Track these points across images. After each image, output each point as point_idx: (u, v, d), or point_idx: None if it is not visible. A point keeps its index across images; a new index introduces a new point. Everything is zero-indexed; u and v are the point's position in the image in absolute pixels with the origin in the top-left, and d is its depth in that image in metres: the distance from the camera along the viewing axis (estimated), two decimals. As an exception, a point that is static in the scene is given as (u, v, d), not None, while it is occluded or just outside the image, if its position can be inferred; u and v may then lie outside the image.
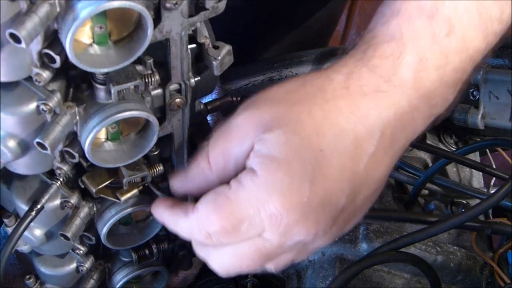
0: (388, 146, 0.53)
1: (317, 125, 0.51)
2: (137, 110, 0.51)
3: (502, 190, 0.64)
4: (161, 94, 0.55)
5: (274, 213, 0.50)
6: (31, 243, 0.62)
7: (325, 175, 0.50)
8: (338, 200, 0.51)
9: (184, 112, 0.58)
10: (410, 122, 0.53)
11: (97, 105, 0.51)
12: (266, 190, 0.50)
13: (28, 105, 0.49)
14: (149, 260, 0.70)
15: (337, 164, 0.50)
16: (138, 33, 0.47)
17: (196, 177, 0.55)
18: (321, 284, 0.70)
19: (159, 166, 0.61)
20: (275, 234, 0.51)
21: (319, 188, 0.50)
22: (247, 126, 0.52)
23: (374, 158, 0.52)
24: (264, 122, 0.52)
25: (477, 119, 0.82)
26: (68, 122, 0.49)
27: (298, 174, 0.50)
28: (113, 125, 0.53)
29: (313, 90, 0.53)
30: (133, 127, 0.56)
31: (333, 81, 0.53)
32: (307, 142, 0.50)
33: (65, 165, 0.55)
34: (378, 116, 0.52)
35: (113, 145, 0.55)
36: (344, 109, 0.51)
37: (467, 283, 0.73)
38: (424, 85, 0.53)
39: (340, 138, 0.51)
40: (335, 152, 0.50)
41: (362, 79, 0.52)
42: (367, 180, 0.53)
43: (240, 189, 0.51)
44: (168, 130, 0.59)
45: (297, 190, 0.50)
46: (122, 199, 0.59)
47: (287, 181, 0.49)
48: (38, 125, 0.50)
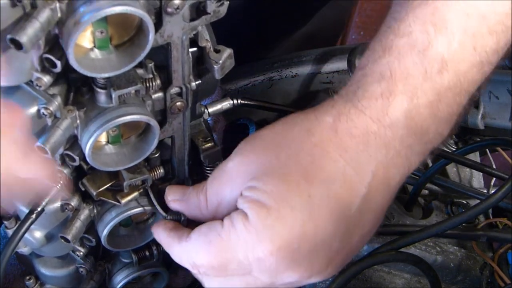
0: (381, 186, 0.52)
1: (305, 171, 0.50)
2: (138, 114, 0.51)
3: (502, 190, 0.64)
4: (162, 98, 0.55)
5: (262, 258, 0.50)
6: (31, 245, 0.62)
7: (316, 221, 0.50)
8: (331, 244, 0.51)
9: (185, 115, 0.58)
10: (404, 160, 0.52)
11: (98, 109, 0.51)
12: (256, 236, 0.50)
13: (29, 109, 0.49)
14: (149, 261, 0.70)
15: (327, 209, 0.50)
16: (139, 38, 0.47)
17: (192, 205, 0.57)
18: (321, 284, 0.70)
19: (160, 169, 0.61)
20: (264, 276, 0.52)
21: (309, 234, 0.50)
22: (236, 173, 0.53)
23: (367, 199, 0.51)
24: (251, 170, 0.52)
25: (477, 119, 0.83)
26: (69, 126, 0.50)
27: (289, 221, 0.49)
28: (113, 128, 0.53)
29: (301, 133, 0.52)
30: (134, 130, 0.56)
31: (320, 123, 0.52)
32: (295, 189, 0.50)
33: (66, 168, 0.55)
34: (368, 158, 0.51)
35: (113, 148, 0.55)
36: (332, 152, 0.51)
37: (467, 283, 0.73)
38: (416, 124, 0.51)
39: (329, 183, 0.50)
40: (325, 197, 0.50)
41: (350, 120, 0.51)
42: (360, 221, 0.52)
43: (232, 231, 0.51)
44: (169, 133, 0.59)
45: (287, 237, 0.49)
46: (123, 202, 0.60)
47: (277, 228, 0.49)
48: (39, 129, 0.50)
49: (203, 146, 0.63)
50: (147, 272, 0.71)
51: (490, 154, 0.90)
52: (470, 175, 0.89)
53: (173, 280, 0.83)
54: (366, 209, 0.52)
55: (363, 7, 2.14)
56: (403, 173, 0.54)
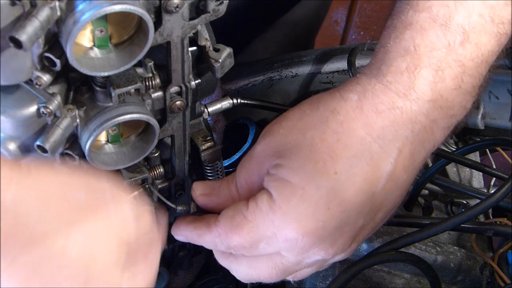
0: (407, 163, 0.52)
1: (331, 149, 0.51)
2: (138, 113, 0.51)
3: (502, 190, 0.64)
4: (162, 97, 0.55)
5: (290, 237, 0.51)
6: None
7: (341, 199, 0.50)
8: (356, 222, 0.52)
9: (185, 114, 0.58)
10: (429, 136, 0.53)
11: (98, 107, 0.50)
12: (282, 216, 0.51)
13: (29, 108, 0.48)
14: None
15: (353, 187, 0.50)
16: (139, 36, 0.47)
17: (223, 197, 0.58)
18: (321, 284, 0.70)
19: (160, 168, 0.61)
20: (292, 254, 0.52)
21: (335, 212, 0.50)
22: (263, 155, 0.54)
23: (393, 177, 0.52)
24: (278, 149, 0.53)
25: (477, 119, 0.83)
26: (69, 125, 0.49)
27: (314, 199, 0.50)
28: (113, 127, 0.53)
29: (326, 113, 0.53)
30: (134, 129, 0.55)
31: (346, 101, 0.52)
32: (321, 167, 0.50)
33: None
34: (394, 134, 0.51)
35: (113, 147, 0.55)
36: (358, 130, 0.51)
37: (467, 283, 0.73)
38: (442, 96, 0.52)
39: (355, 160, 0.51)
40: (351, 175, 0.50)
41: (376, 96, 0.52)
42: (386, 199, 0.53)
43: (257, 212, 0.52)
44: (169, 132, 0.59)
45: (312, 215, 0.50)
46: None
47: (302, 207, 0.50)
48: (39, 128, 0.50)
49: (203, 146, 0.63)
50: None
51: (490, 154, 0.90)
52: (470, 175, 0.89)
53: (173, 281, 0.83)
54: (392, 186, 0.52)
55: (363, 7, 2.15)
56: (429, 149, 0.54)
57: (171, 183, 0.65)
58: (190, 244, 0.76)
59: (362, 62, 0.95)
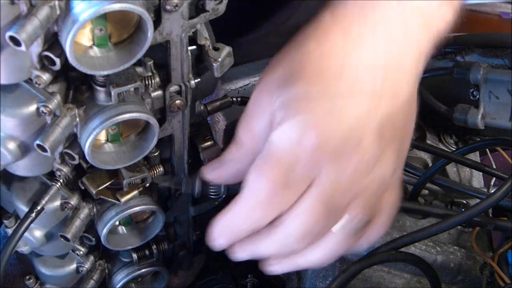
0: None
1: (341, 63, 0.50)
2: (137, 112, 0.51)
3: (501, 190, 0.64)
4: (161, 96, 0.55)
5: (314, 144, 0.49)
6: (31, 244, 0.62)
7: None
8: (372, 117, 0.50)
9: (184, 113, 0.58)
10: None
11: (97, 107, 0.51)
12: (298, 129, 0.49)
13: (28, 107, 0.48)
14: (149, 261, 0.70)
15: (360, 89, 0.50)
16: (138, 35, 0.47)
17: (231, 162, 0.56)
18: (321, 284, 0.70)
19: (159, 168, 0.61)
20: (328, 168, 0.50)
21: (355, 105, 0.50)
22: (262, 98, 0.52)
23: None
24: (275, 86, 0.51)
25: (477, 119, 0.82)
26: (68, 124, 0.49)
27: (325, 104, 0.49)
28: (113, 126, 0.53)
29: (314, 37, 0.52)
30: (133, 128, 0.56)
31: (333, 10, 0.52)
32: (327, 67, 0.50)
33: (65, 167, 0.55)
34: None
35: (113, 146, 0.55)
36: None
37: (467, 283, 0.73)
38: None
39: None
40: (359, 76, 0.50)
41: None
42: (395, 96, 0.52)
43: (272, 145, 0.50)
44: (168, 132, 0.59)
45: (330, 117, 0.49)
46: (122, 200, 0.59)
47: (315, 115, 0.49)
48: (38, 127, 0.50)
49: (203, 145, 0.63)
50: (147, 271, 0.71)
51: (490, 154, 0.90)
52: (470, 175, 0.89)
53: (173, 281, 0.83)
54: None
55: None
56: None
57: (173, 179, 0.65)
58: (190, 243, 0.76)
59: (362, 62, 0.95)
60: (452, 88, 0.91)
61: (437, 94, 0.90)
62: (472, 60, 0.88)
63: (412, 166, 0.82)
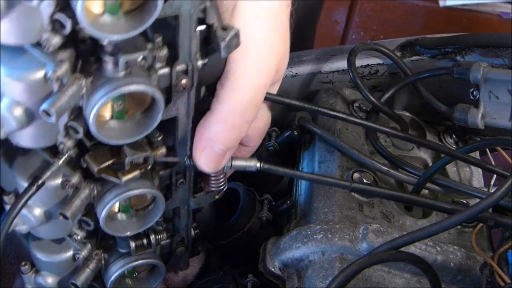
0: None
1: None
2: (144, 84, 0.51)
3: (502, 189, 0.64)
4: (168, 74, 0.54)
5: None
6: (29, 223, 0.61)
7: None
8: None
9: (190, 95, 0.58)
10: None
11: (104, 78, 0.51)
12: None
13: (36, 72, 0.48)
14: (146, 251, 0.69)
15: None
16: (149, 5, 0.48)
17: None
18: (321, 284, 0.70)
19: (162, 149, 0.61)
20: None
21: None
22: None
23: None
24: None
25: (477, 119, 0.83)
26: (75, 93, 0.49)
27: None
28: (119, 102, 0.53)
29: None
30: (139, 106, 0.56)
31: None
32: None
33: (69, 141, 0.54)
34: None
35: (117, 123, 0.55)
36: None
37: (467, 283, 0.73)
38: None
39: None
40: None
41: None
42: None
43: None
44: (173, 113, 0.59)
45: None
46: (123, 179, 0.59)
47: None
48: (45, 94, 0.50)
49: None
50: (143, 263, 0.70)
51: (490, 154, 0.90)
52: (470, 174, 0.89)
53: (173, 280, 0.83)
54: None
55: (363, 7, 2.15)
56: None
57: (172, 170, 0.65)
58: (188, 239, 0.76)
59: (362, 62, 0.95)
60: (452, 88, 0.91)
61: (437, 94, 0.90)
62: (472, 60, 0.88)
63: (412, 166, 0.82)
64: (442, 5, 2.25)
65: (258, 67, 0.60)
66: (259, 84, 0.61)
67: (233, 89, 0.60)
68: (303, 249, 0.72)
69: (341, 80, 0.95)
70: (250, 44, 0.59)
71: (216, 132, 0.61)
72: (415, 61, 0.94)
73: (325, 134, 0.85)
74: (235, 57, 0.59)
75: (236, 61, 0.59)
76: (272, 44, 0.62)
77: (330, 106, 0.90)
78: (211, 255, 0.86)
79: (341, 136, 0.85)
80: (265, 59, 0.61)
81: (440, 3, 2.24)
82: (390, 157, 0.83)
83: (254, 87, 0.61)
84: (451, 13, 2.25)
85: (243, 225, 0.84)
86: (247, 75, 0.60)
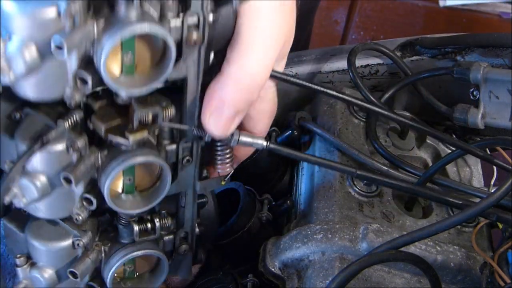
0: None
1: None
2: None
3: (502, 189, 0.64)
4: (179, 27, 0.54)
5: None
6: (30, 194, 0.59)
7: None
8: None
9: (200, 54, 0.57)
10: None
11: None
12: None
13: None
14: (150, 237, 0.68)
15: None
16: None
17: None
18: (321, 284, 0.69)
19: (171, 108, 0.59)
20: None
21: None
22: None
23: None
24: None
25: (477, 119, 0.83)
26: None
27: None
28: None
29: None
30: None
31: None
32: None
33: (77, 93, 0.54)
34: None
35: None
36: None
37: (467, 283, 0.72)
38: None
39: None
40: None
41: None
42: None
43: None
44: (183, 72, 0.57)
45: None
46: (131, 138, 0.57)
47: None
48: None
49: None
50: (145, 253, 0.68)
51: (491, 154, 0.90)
52: (470, 174, 0.89)
53: (172, 280, 0.83)
54: None
55: (363, 7, 2.15)
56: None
57: (179, 145, 0.64)
58: (192, 235, 0.74)
59: (362, 62, 0.95)
60: (452, 88, 0.91)
61: (437, 94, 0.90)
62: (472, 60, 0.88)
63: (412, 166, 0.82)
64: (442, 5, 2.25)
65: (268, 31, 0.61)
66: (269, 46, 0.61)
67: (243, 50, 0.60)
68: (303, 249, 0.72)
69: (341, 80, 0.95)
70: (261, 9, 0.59)
71: (226, 92, 0.60)
72: (415, 61, 0.94)
73: (325, 134, 0.85)
74: (245, 21, 0.59)
75: (247, 24, 0.59)
76: (282, 13, 0.62)
77: (330, 106, 0.90)
78: (211, 255, 0.86)
79: (341, 136, 0.85)
80: (275, 25, 0.61)
81: (440, 3, 2.24)
82: (390, 157, 0.83)
83: (265, 49, 0.61)
84: (451, 13, 2.25)
85: (243, 225, 0.84)
86: (257, 37, 0.60)
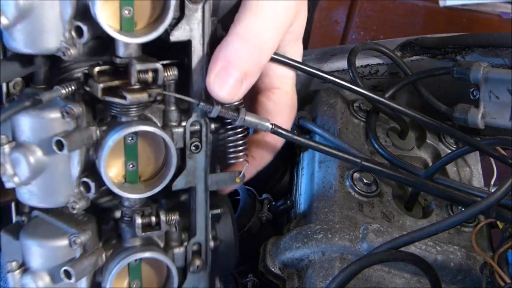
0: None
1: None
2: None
3: (502, 189, 0.64)
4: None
5: None
6: (22, 170, 0.56)
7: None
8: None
9: (205, 14, 0.55)
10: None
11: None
12: None
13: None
14: (154, 232, 0.62)
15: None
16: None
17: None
18: (321, 284, 0.70)
19: (174, 69, 0.57)
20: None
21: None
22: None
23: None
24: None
25: (477, 119, 0.83)
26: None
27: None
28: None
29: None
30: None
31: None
32: None
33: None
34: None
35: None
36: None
37: (467, 283, 0.72)
38: None
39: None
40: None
41: None
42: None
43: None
44: (187, 34, 0.56)
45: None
46: (130, 97, 0.53)
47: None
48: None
49: None
50: (149, 256, 0.63)
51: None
52: (470, 174, 0.89)
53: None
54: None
55: (363, 7, 2.15)
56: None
57: (186, 126, 0.61)
58: (206, 248, 0.69)
59: (362, 62, 0.95)
60: (452, 88, 0.91)
61: (437, 94, 0.90)
62: (472, 60, 0.88)
63: (412, 166, 0.82)
64: (442, 5, 2.25)
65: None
66: (280, 8, 0.60)
67: (252, 10, 0.58)
68: (303, 249, 0.72)
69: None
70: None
71: (233, 50, 0.57)
72: (415, 61, 0.94)
73: (325, 134, 0.85)
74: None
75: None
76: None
77: (330, 106, 0.90)
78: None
79: (341, 136, 0.85)
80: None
81: (440, 3, 2.25)
82: (390, 157, 0.83)
83: (274, 11, 0.59)
84: (451, 13, 2.25)
85: (243, 225, 0.84)
86: (266, 4, 0.59)
